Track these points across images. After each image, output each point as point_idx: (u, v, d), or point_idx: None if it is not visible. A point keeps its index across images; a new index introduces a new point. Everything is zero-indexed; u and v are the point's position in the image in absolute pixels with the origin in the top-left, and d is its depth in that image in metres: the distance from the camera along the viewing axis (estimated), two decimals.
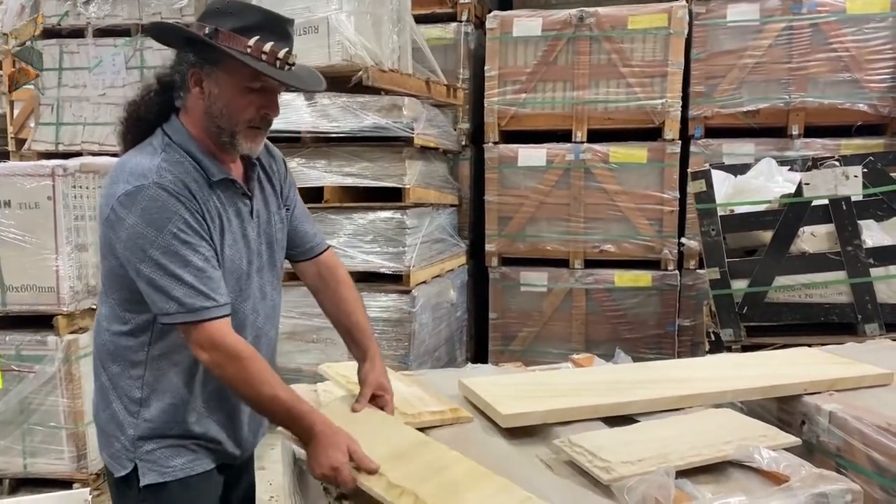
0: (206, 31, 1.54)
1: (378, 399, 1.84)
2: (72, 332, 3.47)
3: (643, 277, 4.86)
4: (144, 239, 1.51)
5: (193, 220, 1.55)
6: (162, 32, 1.65)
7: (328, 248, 2.01)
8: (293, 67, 1.60)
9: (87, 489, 3.45)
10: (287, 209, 1.88)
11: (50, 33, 5.14)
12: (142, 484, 1.64)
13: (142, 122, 1.67)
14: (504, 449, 1.82)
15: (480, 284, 5.44)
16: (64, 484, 3.51)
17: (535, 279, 5.07)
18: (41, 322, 3.45)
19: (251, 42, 1.53)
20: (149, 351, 1.64)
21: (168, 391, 1.65)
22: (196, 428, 1.69)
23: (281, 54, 1.56)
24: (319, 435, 1.54)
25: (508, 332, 5.15)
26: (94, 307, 3.60)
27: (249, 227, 1.72)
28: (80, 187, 3.48)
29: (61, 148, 4.96)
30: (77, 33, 5.05)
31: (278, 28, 1.58)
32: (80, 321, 3.53)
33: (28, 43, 3.27)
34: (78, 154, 4.71)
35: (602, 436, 1.77)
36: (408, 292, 4.25)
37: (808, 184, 3.19)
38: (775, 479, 1.60)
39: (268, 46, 1.54)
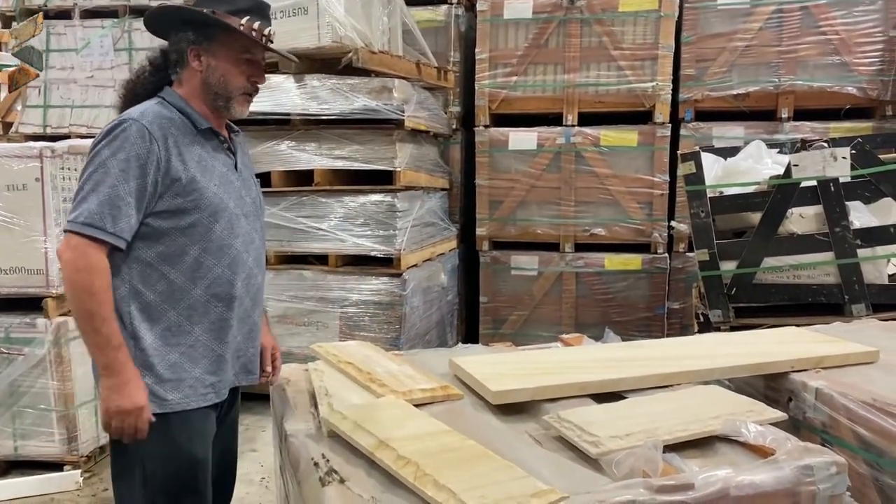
0: (206, 12, 1.84)
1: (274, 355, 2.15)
2: (61, 315, 3.46)
3: (633, 261, 4.88)
4: (97, 157, 1.74)
5: (149, 161, 1.75)
6: (164, 16, 1.89)
7: None
8: (272, 44, 1.95)
9: (79, 471, 3.47)
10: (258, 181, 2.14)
11: (35, 14, 5.08)
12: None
13: (138, 99, 1.89)
14: (494, 425, 1.84)
15: (471, 268, 5.45)
16: (55, 466, 3.51)
17: (526, 263, 5.08)
18: (30, 304, 3.43)
19: (243, 21, 1.86)
20: (131, 284, 1.81)
21: (161, 324, 1.82)
22: (190, 365, 1.84)
23: (266, 31, 1.91)
24: (123, 387, 1.74)
25: (499, 315, 5.16)
26: None
27: (233, 177, 1.94)
28: (69, 169, 3.45)
29: (49, 130, 4.92)
30: (64, 15, 5.00)
31: (261, 10, 1.92)
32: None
33: (28, 43, 3.24)
34: (66, 136, 4.69)
35: (591, 411, 1.78)
36: (399, 275, 4.26)
37: (796, 165, 3.20)
38: (762, 452, 1.62)
39: (256, 24, 1.88)
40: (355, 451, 1.63)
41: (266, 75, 2.00)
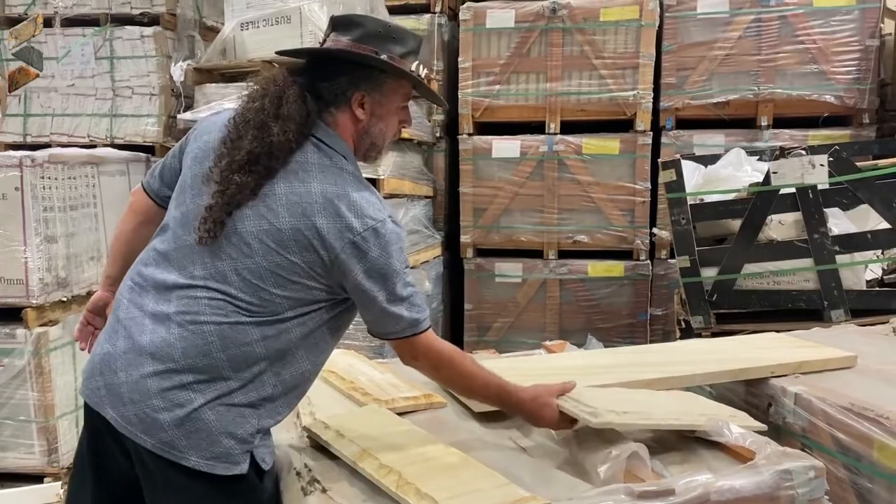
0: (384, 58, 1.65)
1: None
2: (41, 325, 3.42)
3: (616, 267, 4.91)
4: (391, 270, 1.59)
5: None
6: (335, 59, 1.68)
7: None
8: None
9: (59, 483, 3.42)
10: None
11: (15, 22, 5.04)
12: (266, 468, 1.61)
13: (303, 131, 1.64)
14: (477, 433, 1.85)
15: (455, 276, 5.45)
16: (35, 478, 3.47)
17: (510, 270, 5.09)
18: (10, 315, 3.39)
19: (413, 66, 1.73)
20: (296, 346, 1.63)
21: (301, 384, 1.68)
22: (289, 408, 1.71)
23: (423, 73, 1.79)
24: (527, 402, 1.73)
25: (483, 322, 5.17)
26: (65, 300, 3.56)
27: None
28: (49, 178, 3.43)
29: (29, 139, 4.87)
30: (45, 23, 4.95)
31: (418, 48, 1.77)
32: (51, 314, 3.49)
33: (28, 43, 3.21)
34: (47, 145, 4.65)
35: (586, 390, 1.79)
36: None
37: (775, 173, 3.24)
38: (741, 457, 1.64)
39: (422, 70, 1.74)
40: (338, 461, 1.63)
41: (247, 83, 1.78)
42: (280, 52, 1.83)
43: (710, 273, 3.34)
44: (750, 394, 2.23)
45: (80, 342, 1.96)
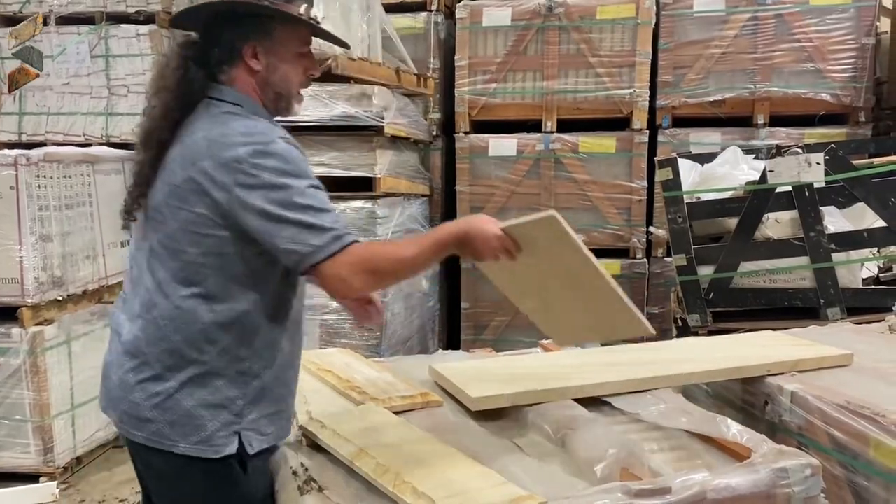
0: (266, 4, 1.61)
1: None
2: (37, 324, 3.41)
3: (612, 266, 4.90)
4: (287, 189, 1.52)
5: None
6: (205, 8, 1.66)
7: None
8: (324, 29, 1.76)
9: (55, 482, 3.42)
10: None
11: (11, 21, 5.03)
12: (252, 452, 1.61)
13: (194, 97, 1.65)
14: (474, 431, 1.84)
15: (452, 274, 5.45)
16: (30, 478, 3.46)
17: None
18: (5, 314, 3.39)
19: (302, 9, 1.65)
20: (258, 320, 1.63)
21: (279, 359, 1.66)
22: (288, 399, 1.73)
23: (318, 18, 1.71)
24: (466, 228, 1.61)
25: (480, 321, 5.16)
26: (60, 299, 3.55)
27: None
28: (44, 177, 3.42)
29: (24, 138, 4.87)
30: None
31: None
32: (46, 313, 3.48)
33: (28, 43, 3.20)
34: (42, 144, 4.64)
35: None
36: None
37: (772, 171, 3.24)
38: (738, 455, 1.64)
39: (312, 12, 1.68)
40: (334, 460, 1.63)
41: None
42: (171, 24, 1.82)
43: (706, 271, 3.35)
44: (746, 392, 2.23)
45: None
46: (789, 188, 3.23)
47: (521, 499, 1.38)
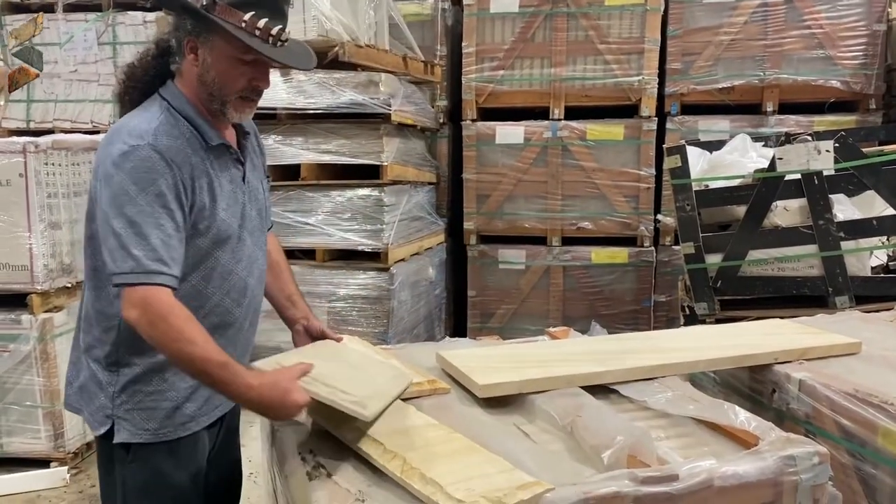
0: (204, 3, 1.59)
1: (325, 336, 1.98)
2: (46, 311, 3.44)
3: (620, 254, 4.90)
4: (126, 196, 1.54)
5: (178, 187, 1.59)
6: (177, 8, 1.68)
7: (272, 225, 2.07)
8: (286, 44, 1.66)
9: (65, 468, 3.45)
10: (268, 177, 1.98)
11: (18, 8, 5.04)
12: (115, 441, 1.70)
13: (139, 85, 1.72)
14: (481, 418, 1.84)
15: (459, 262, 5.46)
16: (41, 463, 3.49)
17: (513, 257, 5.09)
18: (15, 301, 3.41)
19: (246, 17, 1.59)
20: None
21: (141, 352, 1.68)
22: (171, 394, 1.72)
23: (274, 31, 1.62)
24: (263, 386, 1.55)
25: (487, 309, 5.18)
26: (69, 286, 3.57)
27: (240, 193, 1.77)
28: (53, 164, 3.43)
29: (33, 125, 4.88)
30: (47, 8, 4.95)
31: (273, 4, 1.64)
32: (55, 300, 3.50)
33: (28, 43, 3.20)
34: (50, 131, 4.65)
35: (322, 367, 1.77)
36: (386, 270, 4.26)
37: (781, 158, 3.23)
38: (745, 443, 1.64)
39: (262, 23, 1.60)
40: (342, 446, 1.63)
41: None
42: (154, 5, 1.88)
43: (714, 259, 3.34)
44: (754, 380, 2.23)
45: None
46: (798, 176, 3.22)
47: (528, 485, 1.38)
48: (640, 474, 1.45)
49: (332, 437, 1.67)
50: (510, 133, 4.93)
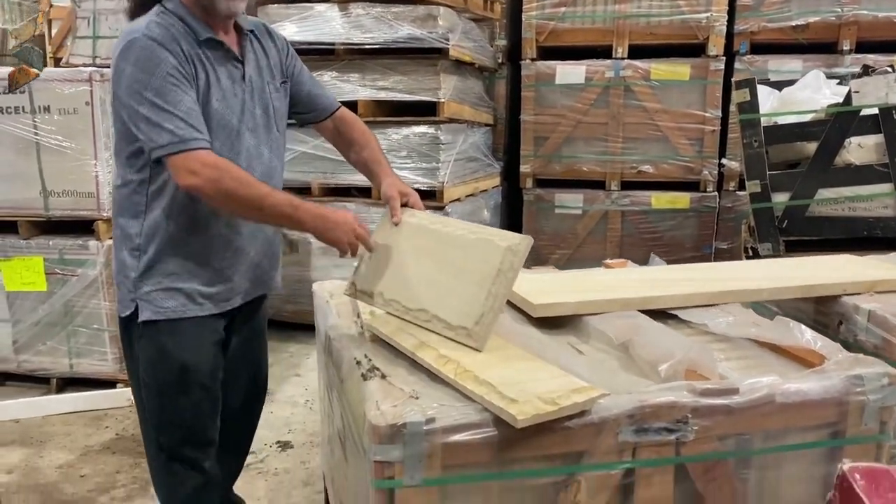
0: None
1: (408, 201, 1.94)
2: (111, 238, 3.53)
3: (681, 199, 4.78)
4: (139, 83, 1.67)
5: (181, 66, 1.71)
6: None
7: (340, 107, 2.17)
8: None
9: (130, 389, 3.58)
10: (285, 82, 2.03)
11: None
12: (140, 319, 1.85)
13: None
14: (535, 336, 1.82)
15: (514, 207, 5.41)
16: (108, 384, 3.64)
17: (571, 201, 5.02)
18: (82, 227, 3.51)
19: None
20: (147, 201, 1.82)
21: (163, 238, 1.83)
22: (188, 276, 1.87)
23: None
24: (327, 212, 1.75)
25: (541, 254, 5.12)
26: None
27: (239, 89, 1.86)
28: None
29: (98, 61, 4.97)
30: None
31: None
32: None
33: (28, 43, 3.24)
34: None
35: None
36: (441, 209, 4.24)
37: (857, 92, 3.06)
38: (810, 365, 1.58)
39: None
40: (397, 354, 1.64)
41: (309, 3, 1.95)
42: None
43: (781, 198, 3.21)
44: (819, 312, 2.15)
45: None
46: (875, 111, 3.05)
47: (581, 389, 1.36)
48: (698, 386, 1.42)
49: (388, 345, 1.69)
50: (571, 72, 4.80)
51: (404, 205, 1.91)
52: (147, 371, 1.91)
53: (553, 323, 1.90)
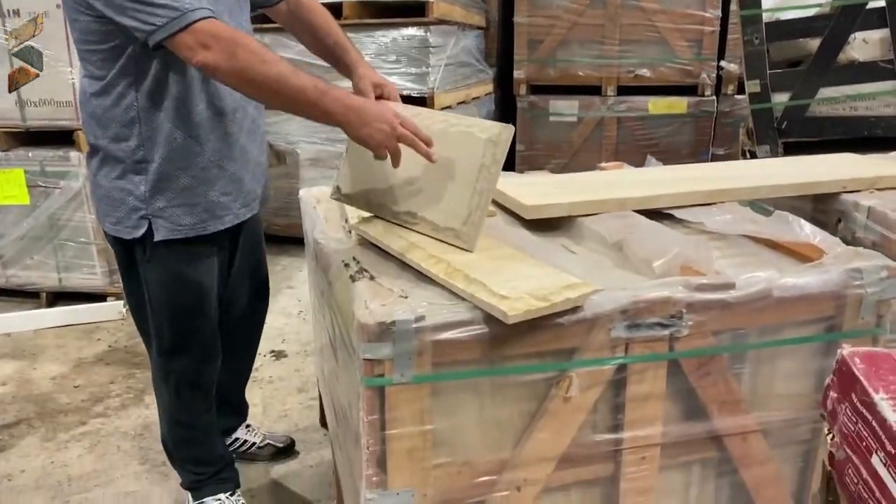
0: None
1: (382, 93, 1.77)
2: None
3: (678, 104, 4.67)
4: None
5: None
6: None
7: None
8: None
9: (122, 301, 3.57)
10: None
11: None
12: (156, 239, 1.72)
13: None
14: (528, 237, 1.78)
15: (507, 114, 5.29)
16: (98, 297, 3.62)
17: (565, 108, 4.90)
18: (63, 138, 3.42)
19: None
20: (140, 104, 1.65)
21: (169, 141, 1.68)
22: (205, 187, 1.74)
23: None
24: (361, 103, 1.49)
25: (536, 164, 5.05)
26: None
27: None
28: None
29: None
30: None
31: None
32: None
33: (28, 43, 3.06)
34: None
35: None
36: None
37: None
38: (809, 261, 1.55)
39: None
40: (386, 256, 1.60)
41: None
42: None
43: (781, 98, 3.13)
44: (817, 210, 2.10)
45: None
46: (882, 3, 2.93)
47: (573, 285, 1.33)
48: (694, 281, 1.39)
49: (376, 247, 1.64)
50: None
51: (379, 97, 1.73)
52: (158, 296, 1.81)
53: (546, 225, 1.85)
